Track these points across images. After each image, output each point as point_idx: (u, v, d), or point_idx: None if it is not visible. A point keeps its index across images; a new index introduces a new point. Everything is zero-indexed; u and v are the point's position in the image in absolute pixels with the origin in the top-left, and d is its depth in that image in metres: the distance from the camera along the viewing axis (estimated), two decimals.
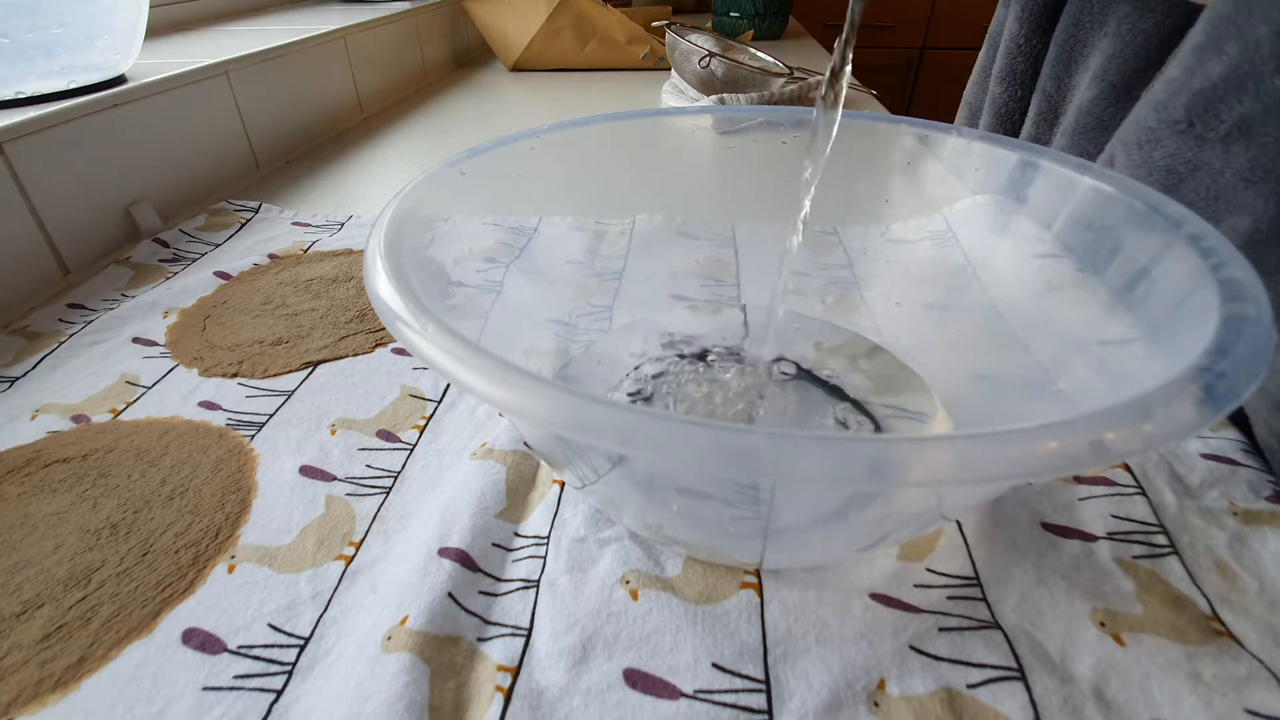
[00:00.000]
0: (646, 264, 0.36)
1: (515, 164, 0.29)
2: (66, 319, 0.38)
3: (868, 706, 0.19)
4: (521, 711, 0.19)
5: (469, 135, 0.71)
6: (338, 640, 0.21)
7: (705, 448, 0.12)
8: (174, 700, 0.19)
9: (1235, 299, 0.16)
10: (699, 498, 0.21)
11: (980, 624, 0.21)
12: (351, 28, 0.75)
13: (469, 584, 0.22)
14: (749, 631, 0.21)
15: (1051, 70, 0.40)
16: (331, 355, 0.34)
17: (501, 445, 0.27)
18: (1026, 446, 0.12)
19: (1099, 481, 0.26)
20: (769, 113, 0.32)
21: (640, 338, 0.33)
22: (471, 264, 0.27)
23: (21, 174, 0.40)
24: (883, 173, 0.32)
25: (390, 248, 0.20)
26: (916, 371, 0.30)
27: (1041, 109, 0.41)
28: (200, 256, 0.45)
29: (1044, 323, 0.26)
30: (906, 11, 1.93)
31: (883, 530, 0.21)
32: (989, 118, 0.46)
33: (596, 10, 0.96)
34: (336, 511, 0.25)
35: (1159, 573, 0.22)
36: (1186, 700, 0.19)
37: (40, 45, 0.43)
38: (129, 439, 0.29)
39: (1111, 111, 0.36)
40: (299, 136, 0.67)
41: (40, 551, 0.23)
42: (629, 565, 0.22)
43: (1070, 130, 0.38)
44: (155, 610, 0.22)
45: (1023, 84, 0.44)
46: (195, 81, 0.53)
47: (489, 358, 0.14)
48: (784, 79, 0.74)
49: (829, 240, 0.36)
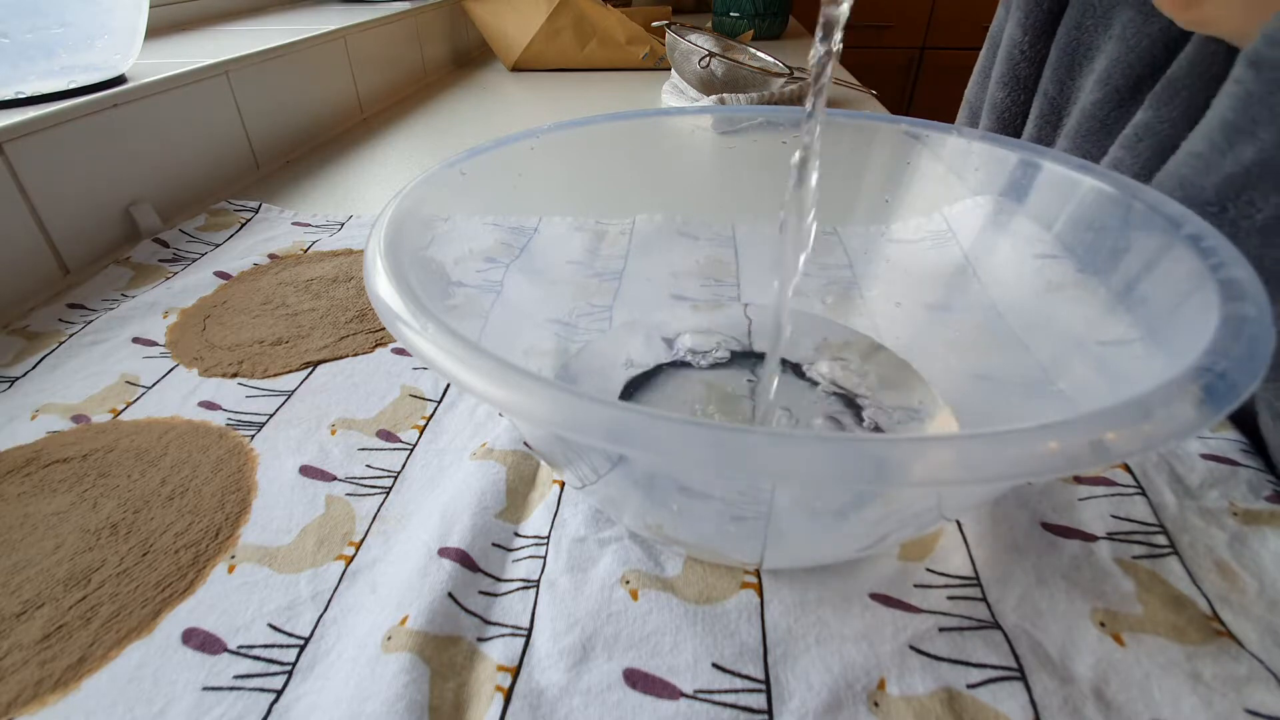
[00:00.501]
0: (646, 264, 0.36)
1: (515, 164, 0.29)
2: (66, 319, 0.38)
3: (868, 706, 0.19)
4: (521, 711, 0.19)
5: (469, 135, 0.71)
6: (338, 640, 0.21)
7: (705, 448, 0.12)
8: (174, 700, 0.19)
9: (1235, 299, 0.16)
10: (699, 498, 0.21)
11: (980, 624, 0.21)
12: (351, 28, 0.75)
13: (469, 584, 0.22)
14: (749, 631, 0.21)
15: (1053, 73, 0.40)
16: (331, 355, 0.34)
17: (501, 445, 0.27)
18: (1026, 446, 0.12)
19: (1099, 482, 0.26)
20: (769, 113, 0.32)
21: (641, 337, 0.33)
22: (471, 264, 0.27)
23: (21, 174, 0.40)
24: (883, 172, 0.32)
25: (390, 248, 0.20)
26: (916, 371, 0.30)
27: (1044, 111, 0.41)
28: (200, 256, 0.45)
29: (1044, 323, 0.26)
30: (906, 11, 1.93)
31: (883, 530, 0.21)
32: (989, 121, 0.46)
33: (596, 10, 0.96)
34: (336, 511, 0.25)
35: (1159, 573, 0.22)
36: (1186, 700, 0.19)
37: (40, 45, 0.43)
38: (129, 439, 0.29)
39: (1115, 115, 0.36)
40: (299, 136, 0.67)
41: (40, 551, 0.23)
42: (629, 565, 0.22)
43: (1073, 133, 0.38)
44: (155, 610, 0.22)
45: (1025, 88, 0.43)
46: (195, 81, 0.53)
47: (489, 358, 0.14)
48: (784, 79, 0.74)
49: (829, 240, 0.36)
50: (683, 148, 0.34)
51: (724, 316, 0.35)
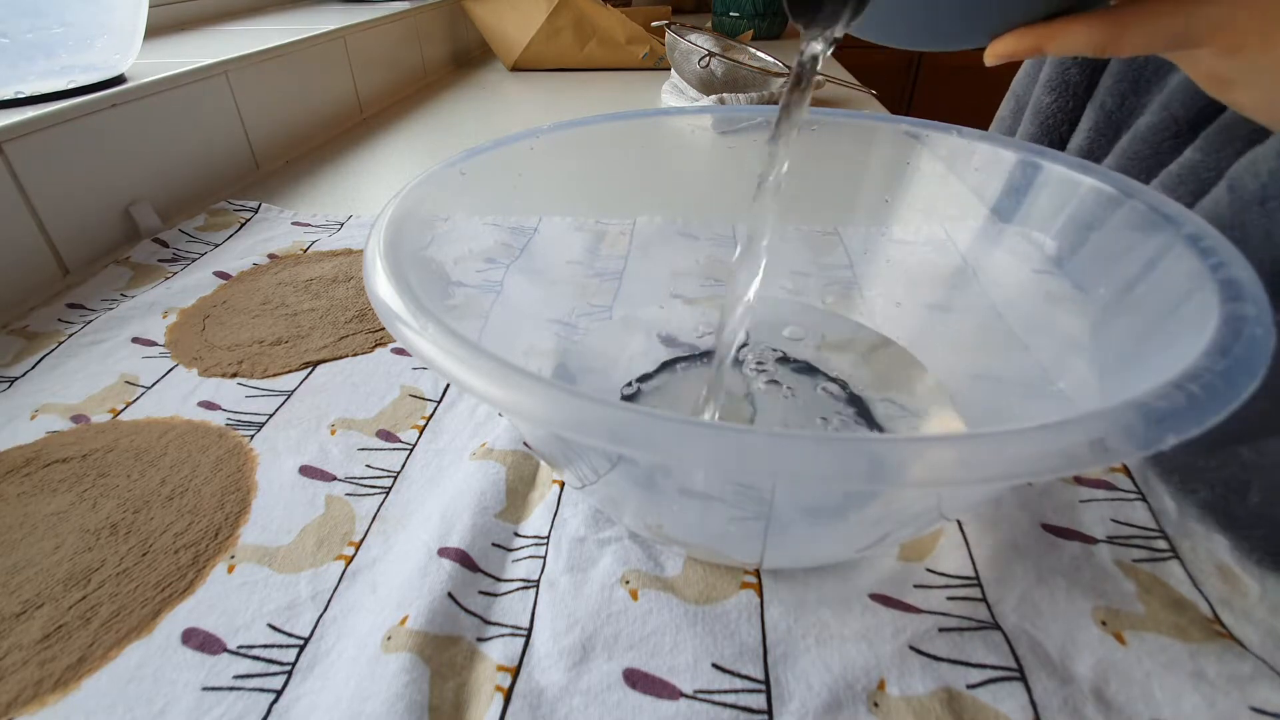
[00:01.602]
0: (647, 264, 0.36)
1: (515, 164, 0.29)
2: (66, 319, 0.37)
3: (868, 707, 0.19)
4: (521, 711, 0.19)
5: (469, 135, 0.71)
6: (338, 640, 0.21)
7: (705, 448, 0.12)
8: (174, 700, 0.19)
9: (1235, 299, 0.16)
10: (699, 498, 0.21)
11: (980, 624, 0.21)
12: (351, 28, 0.75)
13: (469, 584, 0.22)
14: (749, 632, 0.21)
15: (1115, 86, 0.38)
16: (331, 355, 0.34)
17: (501, 445, 0.27)
18: (1026, 446, 0.12)
19: (1099, 485, 0.26)
20: (769, 113, 0.32)
21: (641, 335, 0.33)
22: (471, 264, 0.27)
23: (21, 174, 0.40)
24: (883, 172, 0.32)
25: (390, 248, 0.20)
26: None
27: (1098, 125, 0.39)
28: (200, 256, 0.45)
29: (1044, 323, 0.26)
30: None
31: (883, 530, 0.21)
32: (1032, 126, 0.44)
33: (596, 10, 0.96)
34: (336, 511, 0.25)
35: (1159, 576, 0.22)
36: (1189, 699, 0.19)
37: (40, 45, 0.43)
38: (129, 439, 0.29)
39: (1169, 145, 0.34)
40: (299, 136, 0.67)
41: (40, 551, 0.23)
42: (629, 565, 0.22)
43: (1122, 153, 0.36)
44: (155, 610, 0.22)
45: (1074, 95, 0.41)
46: (195, 81, 0.53)
47: (489, 358, 0.14)
48: (784, 79, 0.74)
49: (830, 240, 0.36)
50: (683, 148, 0.34)
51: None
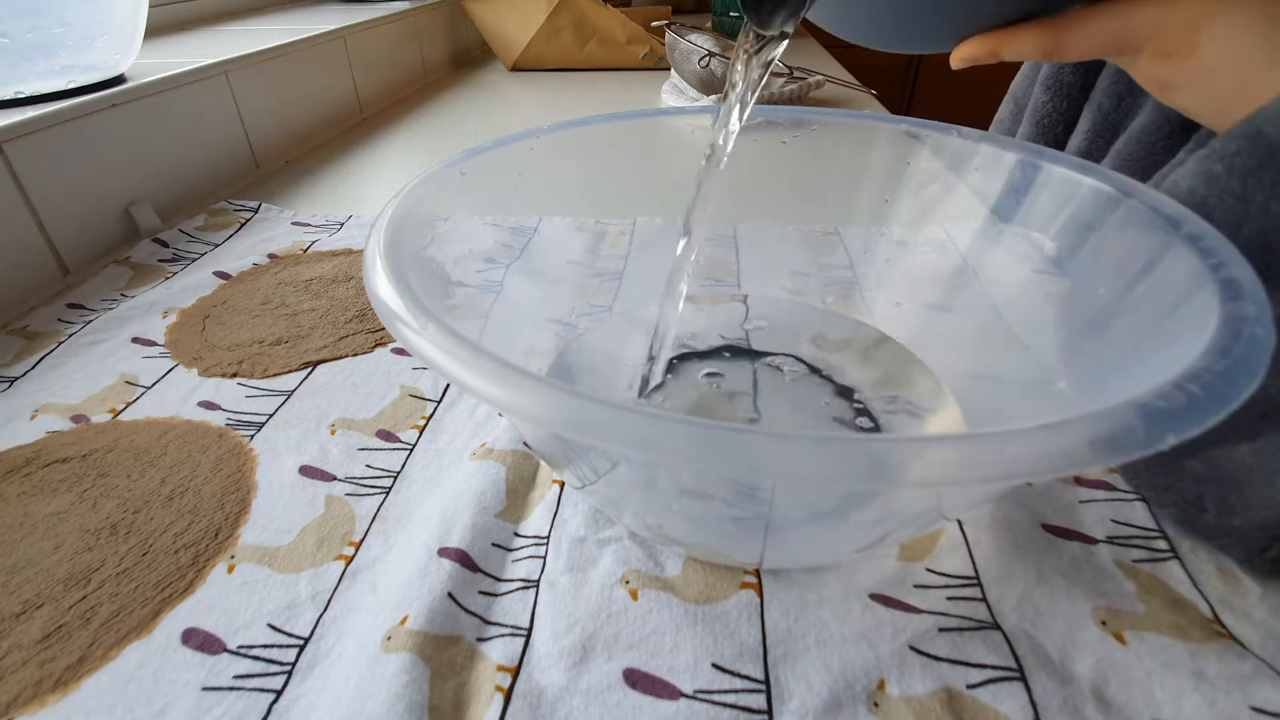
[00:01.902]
0: (647, 263, 0.36)
1: (515, 164, 0.29)
2: (66, 319, 0.37)
3: (867, 707, 0.19)
4: (521, 711, 0.19)
5: (469, 135, 0.71)
6: (338, 640, 0.21)
7: (705, 448, 0.12)
8: (174, 700, 0.19)
9: (1235, 299, 0.16)
10: (699, 498, 0.21)
11: (980, 624, 0.21)
12: (351, 28, 0.75)
13: (469, 584, 0.22)
14: (749, 632, 0.21)
15: (1111, 86, 0.38)
16: (331, 355, 0.34)
17: (501, 445, 0.27)
18: (1026, 446, 0.12)
19: (1099, 485, 0.26)
20: (769, 113, 0.32)
21: (640, 334, 0.33)
22: (471, 264, 0.27)
23: (21, 174, 0.40)
24: (883, 172, 0.32)
25: (390, 248, 0.20)
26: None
27: (1095, 126, 0.39)
28: (200, 256, 0.45)
29: (1044, 323, 0.26)
30: None
31: (883, 530, 0.21)
32: (1029, 126, 0.44)
33: (596, 10, 0.96)
34: (336, 511, 0.25)
35: (1159, 576, 0.22)
36: (1189, 699, 0.19)
37: (40, 45, 0.43)
38: (128, 439, 0.29)
39: (1163, 146, 0.33)
40: (299, 136, 0.67)
41: (40, 551, 0.23)
42: (629, 565, 0.22)
43: (1119, 154, 0.36)
44: (155, 610, 0.22)
45: (1068, 95, 0.41)
46: (195, 81, 0.53)
47: (489, 358, 0.14)
48: (784, 79, 0.74)
49: (830, 240, 0.36)
50: (683, 148, 0.34)
51: (724, 312, 0.35)
